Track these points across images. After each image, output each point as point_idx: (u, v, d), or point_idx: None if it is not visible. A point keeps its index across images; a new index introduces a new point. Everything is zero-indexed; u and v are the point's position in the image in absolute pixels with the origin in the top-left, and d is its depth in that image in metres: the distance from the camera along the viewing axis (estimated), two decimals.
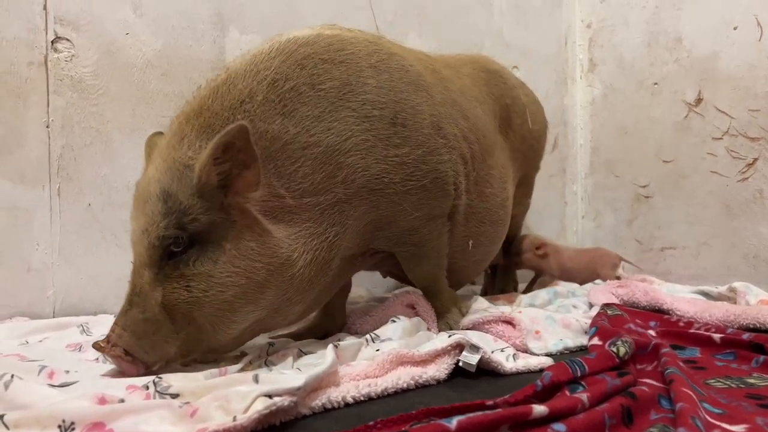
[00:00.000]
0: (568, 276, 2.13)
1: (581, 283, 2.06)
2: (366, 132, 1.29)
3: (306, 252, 1.20)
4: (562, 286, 1.96)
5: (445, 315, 1.49)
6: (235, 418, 0.80)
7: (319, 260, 1.23)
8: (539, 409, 0.79)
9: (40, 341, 1.41)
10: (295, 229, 1.20)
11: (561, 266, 2.13)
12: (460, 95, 1.64)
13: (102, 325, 1.53)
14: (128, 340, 1.08)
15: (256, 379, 0.95)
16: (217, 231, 1.11)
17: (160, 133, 1.29)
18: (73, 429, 0.79)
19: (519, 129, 1.95)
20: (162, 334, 1.10)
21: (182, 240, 1.09)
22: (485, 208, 1.68)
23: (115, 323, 1.10)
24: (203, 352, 1.18)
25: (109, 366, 1.15)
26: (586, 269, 2.13)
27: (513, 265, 2.21)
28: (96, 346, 1.09)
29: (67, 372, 1.07)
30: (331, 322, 1.54)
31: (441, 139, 1.44)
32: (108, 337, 1.09)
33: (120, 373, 1.09)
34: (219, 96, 1.19)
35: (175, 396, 0.93)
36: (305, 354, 1.24)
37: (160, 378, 0.98)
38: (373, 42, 1.40)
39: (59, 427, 0.79)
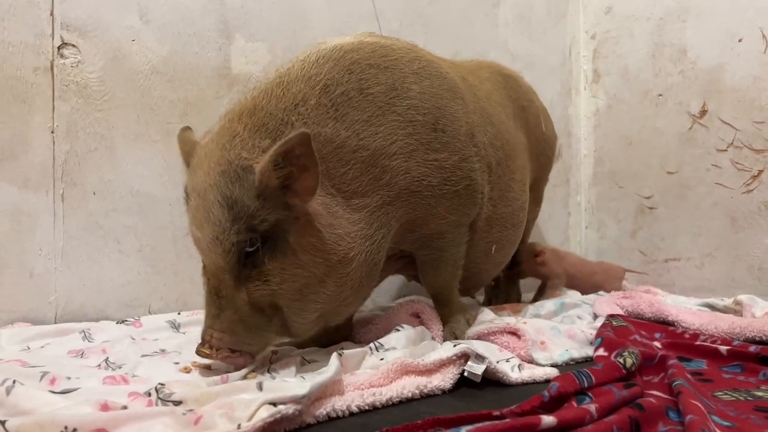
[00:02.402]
0: (570, 283, 2.12)
1: (582, 293, 2.05)
2: (409, 136, 1.33)
3: (360, 252, 1.23)
4: (569, 298, 1.95)
5: (451, 324, 1.49)
6: (239, 426, 0.80)
7: (370, 261, 1.26)
8: (548, 419, 0.79)
9: (42, 347, 1.40)
10: (351, 229, 1.23)
11: (564, 272, 2.12)
12: (487, 102, 1.67)
13: (103, 332, 1.52)
14: (230, 340, 1.14)
15: (260, 387, 0.94)
16: (282, 227, 1.14)
17: (189, 128, 1.34)
18: None
19: (534, 131, 1.98)
20: (258, 326, 1.17)
21: (256, 240, 1.12)
22: (508, 212, 1.71)
23: (210, 327, 1.15)
24: (288, 336, 1.25)
25: (105, 372, 1.15)
26: (588, 280, 2.12)
27: (516, 275, 2.19)
28: (201, 353, 1.15)
29: (69, 378, 1.06)
30: (336, 332, 1.52)
31: (473, 147, 1.48)
32: (208, 342, 1.14)
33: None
34: (274, 97, 1.22)
35: (177, 403, 0.92)
36: (308, 362, 1.24)
37: (162, 385, 0.97)
38: (412, 49, 1.45)
39: None
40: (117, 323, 1.60)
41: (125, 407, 0.89)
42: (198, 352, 1.16)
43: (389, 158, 1.30)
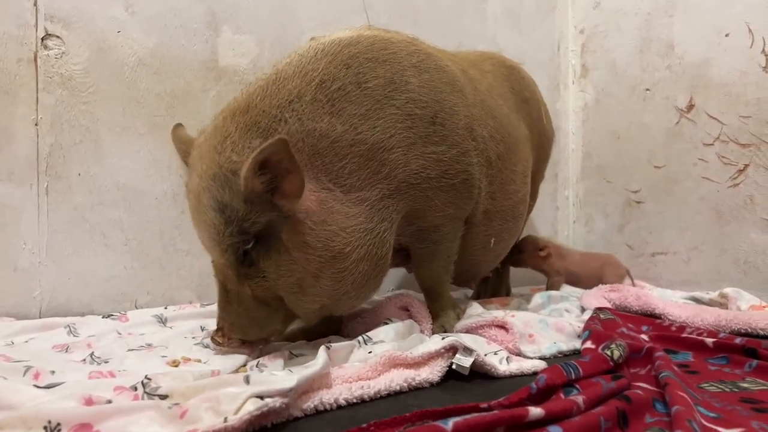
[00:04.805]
0: (573, 280, 2.11)
1: (587, 288, 2.05)
2: (408, 130, 1.33)
3: (360, 247, 1.24)
4: (556, 291, 1.95)
5: (441, 318, 1.49)
6: (225, 420, 0.79)
7: (373, 255, 1.27)
8: (535, 411, 0.78)
9: (26, 342, 1.39)
10: (349, 223, 1.24)
11: (565, 270, 2.12)
12: (488, 94, 1.67)
13: (89, 326, 1.51)
14: (240, 331, 1.23)
15: (246, 380, 0.94)
16: (274, 226, 1.17)
17: (181, 125, 1.38)
18: (59, 430, 0.77)
19: (535, 123, 1.98)
20: (265, 316, 1.24)
21: (250, 240, 1.17)
22: (509, 205, 1.71)
23: (222, 318, 1.24)
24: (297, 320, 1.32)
25: (90, 367, 1.13)
26: (593, 276, 2.10)
27: (513, 263, 2.17)
28: (214, 341, 1.25)
29: (53, 373, 1.05)
30: (326, 326, 1.52)
31: (472, 141, 1.48)
32: (221, 330, 1.24)
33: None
34: (268, 94, 1.22)
35: (164, 397, 0.91)
36: (296, 356, 1.23)
37: (148, 379, 0.96)
38: (411, 42, 1.45)
39: (45, 428, 0.77)
40: (103, 318, 1.58)
41: (110, 401, 0.88)
42: (212, 339, 1.25)
43: (388, 152, 1.30)
